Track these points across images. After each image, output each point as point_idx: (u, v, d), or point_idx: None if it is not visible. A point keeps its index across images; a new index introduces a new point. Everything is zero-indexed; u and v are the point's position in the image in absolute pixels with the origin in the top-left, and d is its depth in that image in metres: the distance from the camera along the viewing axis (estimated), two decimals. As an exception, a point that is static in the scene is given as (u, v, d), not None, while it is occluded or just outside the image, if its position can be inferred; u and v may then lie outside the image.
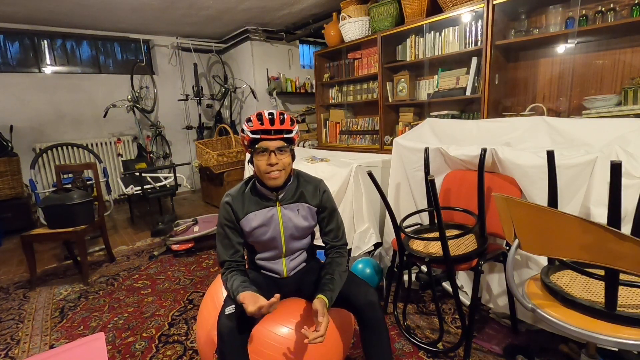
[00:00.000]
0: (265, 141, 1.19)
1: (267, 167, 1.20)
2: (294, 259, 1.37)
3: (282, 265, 1.36)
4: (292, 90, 5.25)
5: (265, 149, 1.19)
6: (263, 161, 1.20)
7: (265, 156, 1.20)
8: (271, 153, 1.19)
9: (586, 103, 2.17)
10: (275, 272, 1.36)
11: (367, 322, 1.22)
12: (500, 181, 1.67)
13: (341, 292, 1.25)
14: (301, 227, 1.32)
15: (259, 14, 4.38)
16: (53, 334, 1.97)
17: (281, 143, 1.20)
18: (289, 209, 1.30)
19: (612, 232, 0.85)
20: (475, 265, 1.50)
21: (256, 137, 1.19)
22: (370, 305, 1.21)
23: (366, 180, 2.21)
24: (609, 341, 0.94)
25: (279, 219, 1.29)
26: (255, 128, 1.19)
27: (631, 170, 1.32)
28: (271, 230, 1.28)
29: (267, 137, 1.19)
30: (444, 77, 2.97)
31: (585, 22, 2.19)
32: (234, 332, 1.11)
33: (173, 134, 5.58)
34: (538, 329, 1.68)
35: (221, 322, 1.14)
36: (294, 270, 1.39)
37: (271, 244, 1.31)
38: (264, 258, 1.35)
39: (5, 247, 3.59)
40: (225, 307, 1.18)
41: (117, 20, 4.34)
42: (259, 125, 1.19)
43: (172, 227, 3.18)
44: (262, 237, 1.28)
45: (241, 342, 1.14)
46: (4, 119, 4.20)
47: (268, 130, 1.18)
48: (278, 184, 1.24)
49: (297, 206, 1.31)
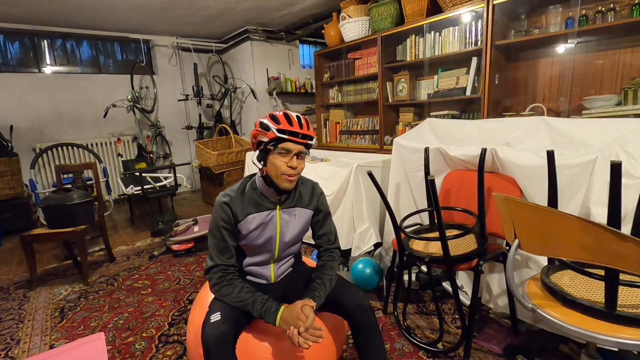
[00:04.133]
0: (290, 143, 1.16)
1: (288, 170, 1.17)
2: (282, 264, 1.36)
3: (270, 271, 1.33)
4: (292, 90, 5.25)
5: (289, 151, 1.17)
6: (284, 162, 1.17)
7: (287, 158, 1.17)
8: (293, 156, 1.18)
9: (586, 103, 2.17)
10: (263, 278, 1.33)
11: (360, 326, 1.20)
12: (500, 181, 1.67)
13: (332, 297, 1.24)
14: (296, 233, 1.31)
15: (259, 14, 4.38)
16: (53, 334, 1.97)
17: (303, 148, 1.20)
18: (287, 213, 1.29)
19: (612, 232, 0.85)
20: (475, 265, 1.50)
21: (282, 137, 1.15)
22: (361, 308, 1.20)
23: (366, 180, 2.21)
24: (609, 341, 0.94)
25: (277, 222, 1.27)
26: (284, 128, 1.15)
27: (631, 170, 1.32)
28: (267, 234, 1.26)
29: (294, 140, 1.16)
30: (444, 77, 2.97)
31: (585, 22, 2.19)
32: (220, 341, 1.04)
33: (173, 134, 5.58)
34: (538, 329, 1.68)
35: (205, 331, 1.06)
36: (281, 276, 1.37)
37: (264, 248, 1.28)
38: (253, 263, 1.31)
39: (5, 247, 3.59)
40: (210, 315, 1.11)
41: (117, 20, 4.34)
42: (288, 125, 1.15)
43: (172, 227, 3.18)
44: (257, 241, 1.25)
45: (229, 351, 1.06)
46: (4, 119, 4.20)
47: (296, 133, 1.16)
48: (291, 187, 1.22)
49: (294, 211, 1.30)
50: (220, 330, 1.06)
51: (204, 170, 4.68)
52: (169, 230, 3.16)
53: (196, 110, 5.68)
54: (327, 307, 1.25)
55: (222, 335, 1.06)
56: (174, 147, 5.54)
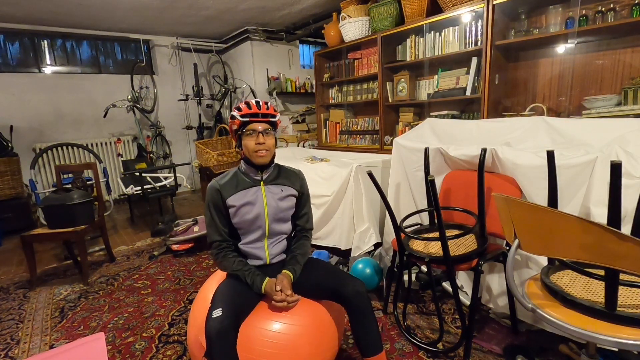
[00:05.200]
0: (254, 124, 1.37)
1: (256, 146, 1.37)
2: (275, 244, 1.47)
3: (264, 251, 1.45)
4: (292, 90, 5.25)
5: (254, 131, 1.37)
6: (252, 141, 1.37)
7: (254, 137, 1.37)
8: (259, 134, 1.37)
9: (586, 103, 2.17)
10: (259, 258, 1.44)
11: (356, 311, 1.31)
12: (500, 181, 1.66)
13: (332, 286, 1.35)
14: (283, 207, 1.45)
15: (259, 14, 4.38)
16: (53, 334, 1.97)
17: (267, 126, 1.39)
18: (272, 189, 1.44)
19: (612, 232, 0.85)
20: (475, 265, 1.50)
21: (245, 121, 1.37)
22: (358, 295, 1.30)
23: (366, 180, 2.21)
24: (609, 341, 0.94)
25: (263, 196, 1.42)
26: (245, 112, 1.37)
27: (631, 170, 1.32)
28: (256, 208, 1.40)
29: (256, 120, 1.37)
30: (444, 77, 2.97)
31: (585, 22, 2.19)
32: (222, 334, 1.13)
33: (173, 134, 5.58)
34: (538, 329, 1.68)
35: (209, 325, 1.15)
36: (276, 258, 1.47)
37: (255, 223, 1.41)
38: (248, 242, 1.44)
39: (5, 247, 3.59)
40: (212, 310, 1.20)
41: (117, 20, 4.34)
42: (247, 110, 1.37)
43: (172, 227, 3.18)
44: (247, 216, 1.39)
45: (230, 344, 1.15)
46: (4, 119, 4.20)
47: (256, 114, 1.37)
48: (265, 162, 1.41)
49: (281, 187, 1.46)
50: (223, 324, 1.14)
51: (204, 170, 4.67)
52: (169, 230, 3.16)
53: (196, 110, 5.68)
54: (328, 295, 1.38)
55: (225, 329, 1.14)
56: (174, 147, 5.54)
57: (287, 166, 1.56)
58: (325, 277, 1.40)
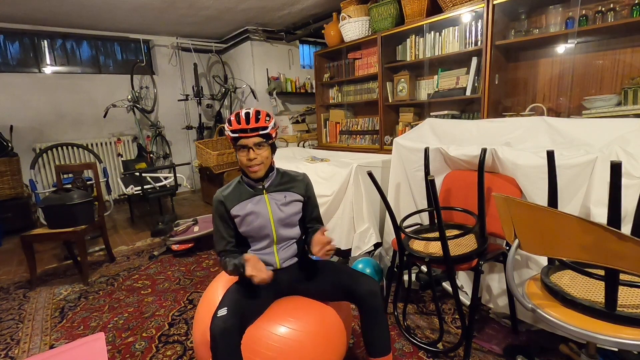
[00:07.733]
0: (243, 139, 1.32)
1: (247, 162, 1.34)
2: (285, 248, 1.44)
3: (274, 256, 1.42)
4: (292, 90, 5.25)
5: (244, 146, 1.33)
6: (244, 156, 1.34)
7: (245, 152, 1.33)
8: (249, 149, 1.32)
9: (586, 103, 2.17)
10: (269, 264, 1.41)
11: (370, 311, 1.29)
12: (500, 181, 1.66)
13: (345, 285, 1.34)
14: (289, 213, 1.42)
15: (259, 14, 4.38)
16: (53, 334, 1.97)
17: (258, 139, 1.33)
18: (275, 196, 1.42)
19: (612, 232, 0.85)
20: (475, 265, 1.50)
21: (236, 136, 1.32)
22: (372, 294, 1.29)
23: (366, 180, 2.21)
24: (609, 341, 0.94)
25: (266, 204, 1.40)
26: (234, 128, 1.32)
27: (631, 170, 1.32)
28: (261, 217, 1.38)
29: (245, 135, 1.31)
30: (444, 77, 2.97)
31: (585, 22, 2.19)
32: (226, 333, 1.12)
33: (173, 134, 5.58)
34: (538, 329, 1.68)
35: (214, 323, 1.15)
36: (287, 262, 1.44)
37: (262, 231, 1.39)
38: (257, 249, 1.42)
39: (5, 247, 3.59)
40: (218, 309, 1.20)
41: (117, 20, 4.34)
42: (236, 125, 1.31)
43: (172, 227, 3.18)
44: (253, 224, 1.38)
45: (234, 344, 1.14)
46: (4, 119, 4.20)
47: (244, 129, 1.31)
48: (259, 176, 1.38)
49: (284, 194, 1.43)
50: (227, 323, 1.14)
51: (204, 170, 4.68)
52: (169, 230, 3.16)
53: (196, 110, 5.68)
54: (342, 295, 1.37)
55: (228, 328, 1.13)
56: (174, 147, 5.54)
57: (290, 171, 1.52)
58: (338, 277, 1.39)
